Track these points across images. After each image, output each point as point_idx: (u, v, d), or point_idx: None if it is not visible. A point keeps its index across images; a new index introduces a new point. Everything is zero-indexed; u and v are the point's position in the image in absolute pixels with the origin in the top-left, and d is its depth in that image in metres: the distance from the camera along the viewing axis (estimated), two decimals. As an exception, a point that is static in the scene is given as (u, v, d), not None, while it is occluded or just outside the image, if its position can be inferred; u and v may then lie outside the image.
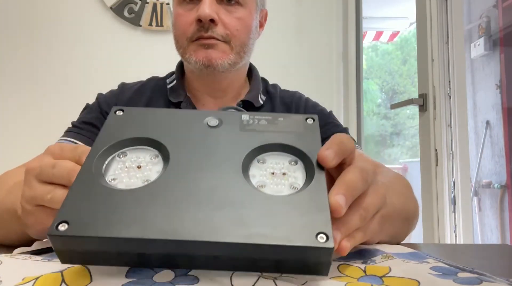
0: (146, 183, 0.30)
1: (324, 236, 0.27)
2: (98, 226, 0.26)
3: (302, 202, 0.29)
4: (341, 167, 0.34)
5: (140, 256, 0.27)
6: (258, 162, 0.33)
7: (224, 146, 0.33)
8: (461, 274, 0.31)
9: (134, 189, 0.29)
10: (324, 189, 0.30)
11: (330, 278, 0.31)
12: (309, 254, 0.27)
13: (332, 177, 0.35)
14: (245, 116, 0.36)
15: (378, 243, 0.42)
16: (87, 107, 0.81)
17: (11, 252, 0.38)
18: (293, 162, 0.33)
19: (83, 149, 0.36)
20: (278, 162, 0.33)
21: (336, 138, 0.34)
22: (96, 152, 0.32)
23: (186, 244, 0.26)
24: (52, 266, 0.32)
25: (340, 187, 0.31)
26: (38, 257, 0.36)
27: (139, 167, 0.32)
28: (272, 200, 0.29)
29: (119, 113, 0.36)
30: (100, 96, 0.82)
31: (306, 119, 0.36)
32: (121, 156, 0.33)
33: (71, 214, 0.27)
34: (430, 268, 0.33)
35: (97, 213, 0.27)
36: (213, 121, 0.35)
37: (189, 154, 0.32)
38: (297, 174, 0.32)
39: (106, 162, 0.32)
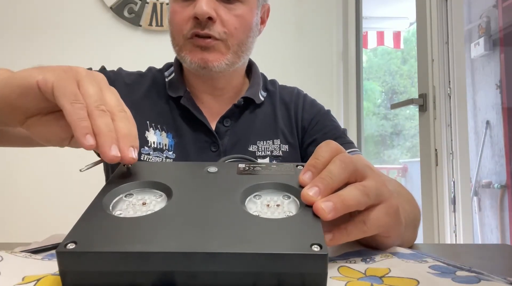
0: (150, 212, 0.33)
1: (318, 246, 0.28)
2: (104, 243, 0.28)
3: (296, 222, 0.31)
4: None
5: (142, 276, 0.28)
6: (254, 198, 0.36)
7: (222, 185, 0.36)
8: (460, 273, 0.31)
9: (138, 217, 0.31)
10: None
11: (330, 278, 0.31)
12: (304, 263, 0.27)
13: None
14: (242, 165, 0.41)
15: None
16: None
17: (12, 249, 0.38)
18: (286, 197, 0.36)
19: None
20: (272, 197, 0.36)
21: (311, 158, 0.37)
22: (104, 193, 0.34)
23: (187, 256, 0.27)
24: (52, 265, 0.33)
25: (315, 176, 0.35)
26: (38, 256, 0.36)
27: (144, 203, 0.34)
28: (268, 221, 0.31)
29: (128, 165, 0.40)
30: (103, 69, 0.85)
31: (297, 166, 0.41)
32: (127, 197, 0.35)
33: (79, 235, 0.28)
34: (429, 267, 0.33)
35: (104, 234, 0.29)
36: (213, 169, 0.39)
37: (190, 191, 0.35)
38: (291, 206, 0.35)
39: (113, 201, 0.34)
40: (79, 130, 0.35)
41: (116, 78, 0.80)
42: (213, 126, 0.77)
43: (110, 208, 0.33)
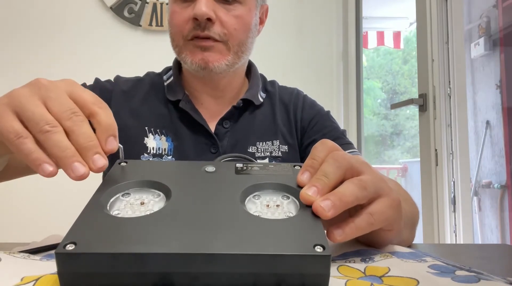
0: (149, 212, 0.32)
1: (321, 247, 0.28)
2: (104, 245, 0.27)
3: (297, 223, 0.31)
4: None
5: (142, 277, 0.27)
6: (253, 198, 0.36)
7: (221, 185, 0.36)
8: (459, 272, 0.31)
9: (137, 217, 0.31)
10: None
11: (330, 276, 0.30)
12: (307, 264, 0.27)
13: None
14: (239, 164, 0.41)
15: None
16: (83, 85, 0.80)
17: (10, 249, 0.38)
18: (285, 197, 0.36)
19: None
20: (271, 197, 0.36)
21: (308, 159, 0.37)
22: (101, 192, 0.34)
23: (188, 257, 0.27)
24: (51, 266, 0.32)
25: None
26: (37, 256, 0.36)
27: (142, 203, 0.34)
28: (270, 222, 0.31)
29: (123, 164, 0.39)
30: (98, 80, 0.81)
31: (294, 166, 0.40)
32: (124, 196, 0.35)
33: (79, 236, 0.28)
34: (428, 267, 0.33)
35: (103, 235, 0.28)
36: (210, 168, 0.39)
37: (189, 191, 0.35)
38: (290, 207, 0.35)
39: (110, 201, 0.34)
40: (32, 164, 0.33)
41: (113, 88, 0.80)
42: (212, 128, 0.77)
43: (108, 207, 0.33)
